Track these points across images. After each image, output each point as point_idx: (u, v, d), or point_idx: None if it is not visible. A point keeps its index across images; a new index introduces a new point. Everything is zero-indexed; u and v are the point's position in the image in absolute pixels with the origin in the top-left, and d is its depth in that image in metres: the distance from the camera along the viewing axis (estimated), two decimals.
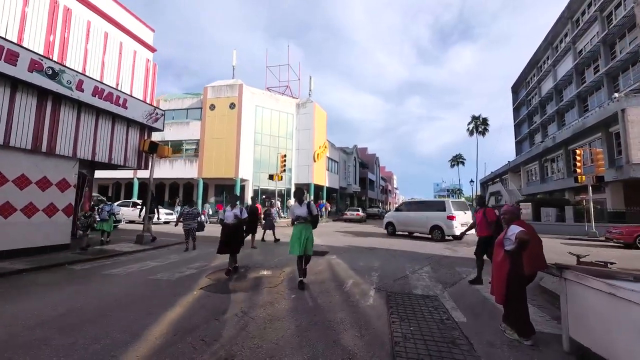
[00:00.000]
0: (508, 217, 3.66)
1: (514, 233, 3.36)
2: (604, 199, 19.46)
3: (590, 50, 26.87)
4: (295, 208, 5.24)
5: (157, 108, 10.33)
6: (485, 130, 45.24)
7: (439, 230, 12.38)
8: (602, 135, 20.22)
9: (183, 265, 6.69)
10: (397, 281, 5.78)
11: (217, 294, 4.72)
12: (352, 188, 39.73)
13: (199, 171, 24.14)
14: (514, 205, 3.83)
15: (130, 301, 4.30)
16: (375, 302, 4.48)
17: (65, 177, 7.83)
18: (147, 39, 10.45)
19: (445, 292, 5.15)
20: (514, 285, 3.33)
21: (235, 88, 24.24)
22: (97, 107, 8.33)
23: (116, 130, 9.12)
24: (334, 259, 7.96)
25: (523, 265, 3.31)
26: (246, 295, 4.70)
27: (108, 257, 7.58)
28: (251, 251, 8.88)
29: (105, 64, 9.01)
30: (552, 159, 28.93)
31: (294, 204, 5.35)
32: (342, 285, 5.42)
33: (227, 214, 6.11)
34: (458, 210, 12.43)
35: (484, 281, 5.69)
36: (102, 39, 8.91)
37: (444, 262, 7.91)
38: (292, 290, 4.94)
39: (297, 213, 5.16)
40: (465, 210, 13.06)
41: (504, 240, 3.52)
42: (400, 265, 7.29)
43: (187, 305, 4.13)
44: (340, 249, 9.74)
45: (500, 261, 3.47)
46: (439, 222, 12.40)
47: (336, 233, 15.76)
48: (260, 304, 4.26)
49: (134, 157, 9.73)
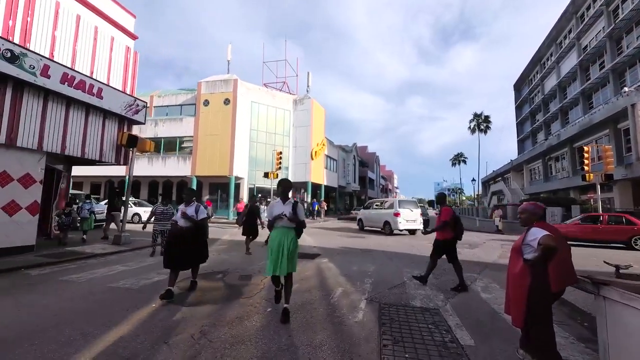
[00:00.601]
0: (525, 217, 2.95)
1: (536, 238, 2.65)
2: (612, 197, 18.73)
3: (595, 46, 26.13)
4: (276, 206, 3.82)
5: (137, 99, 9.62)
6: (487, 128, 44.48)
7: (388, 225, 14.13)
8: (610, 131, 19.47)
9: (153, 271, 5.99)
10: (393, 290, 5.08)
11: (179, 306, 4.02)
12: (351, 187, 38.99)
13: (192, 169, 23.42)
14: (535, 202, 3.10)
15: (72, 316, 3.60)
16: (365, 318, 3.77)
17: (29, 172, 7.12)
18: (127, 25, 9.71)
19: (448, 303, 4.45)
20: (537, 305, 2.61)
21: (230, 83, 23.50)
22: (68, 96, 7.62)
23: (90, 122, 8.41)
24: (324, 263, 7.27)
25: (549, 279, 2.60)
26: (214, 308, 4.00)
27: (76, 259, 6.89)
28: (238, 254, 8.19)
29: (78, 51, 8.29)
30: (557, 157, 28.18)
31: (275, 201, 4.00)
32: (329, 295, 4.72)
33: (178, 214, 4.63)
34: (404, 208, 14.04)
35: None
36: (73, 23, 8.18)
37: (445, 266, 7.18)
38: (269, 302, 4.23)
39: (277, 212, 3.72)
40: (413, 208, 14.51)
41: (522, 246, 2.81)
42: (397, 270, 6.59)
43: (136, 323, 3.43)
44: (333, 251, 9.04)
45: (519, 273, 2.75)
46: (388, 218, 14.20)
47: (332, 232, 15.06)
48: (226, 321, 3.56)
49: (111, 152, 9.02)
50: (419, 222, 14.11)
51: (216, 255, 8.00)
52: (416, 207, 14.84)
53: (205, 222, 4.73)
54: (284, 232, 3.73)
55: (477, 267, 7.16)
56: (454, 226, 5.34)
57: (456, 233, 5.39)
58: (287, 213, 3.69)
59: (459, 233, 5.42)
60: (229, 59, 26.04)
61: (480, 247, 10.82)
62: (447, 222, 5.30)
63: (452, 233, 5.35)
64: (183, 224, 4.53)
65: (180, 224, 4.55)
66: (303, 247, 9.26)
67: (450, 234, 5.36)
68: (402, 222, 13.66)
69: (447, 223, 5.30)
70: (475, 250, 10.01)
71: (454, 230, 5.35)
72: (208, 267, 6.38)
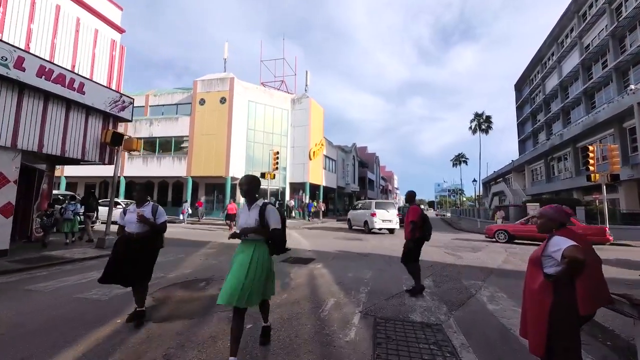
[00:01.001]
0: (543, 222, 2.47)
1: (560, 249, 2.17)
2: (617, 198, 18.27)
3: (598, 45, 25.72)
4: (241, 214, 2.93)
5: (124, 95, 9.16)
6: (489, 128, 43.99)
7: (367, 225, 15.54)
8: (614, 131, 19.01)
9: None
10: (391, 300, 4.61)
11: (148, 322, 3.55)
12: (350, 187, 38.53)
13: (188, 169, 22.97)
14: (558, 206, 2.61)
15: (17, 335, 3.13)
16: (357, 336, 3.31)
17: (2, 172, 6.65)
18: (112, 18, 9.26)
19: (451, 317, 3.98)
20: (561, 330, 2.14)
21: (226, 82, 23.06)
22: (45, 91, 7.16)
23: (72, 118, 7.94)
24: (318, 269, 6.80)
25: (576, 299, 2.14)
26: (186, 325, 3.53)
27: (50, 265, 6.42)
28: (227, 259, 7.71)
29: (57, 43, 7.83)
30: (559, 157, 27.71)
31: (242, 206, 3.09)
32: (320, 307, 4.25)
33: (128, 217, 3.63)
34: (380, 209, 15.40)
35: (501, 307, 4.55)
36: (52, 13, 7.73)
37: (447, 273, 6.74)
38: (251, 317, 3.76)
39: (242, 222, 2.84)
40: (389, 209, 15.72)
41: (542, 258, 2.34)
42: (396, 277, 6.12)
43: (90, 344, 2.95)
44: (328, 255, 8.57)
45: (538, 291, 2.28)
46: (367, 218, 15.59)
47: (329, 234, 14.59)
48: (198, 341, 3.09)
49: (94, 150, 8.56)
50: (395, 222, 15.44)
51: (203, 259, 7.54)
52: (393, 208, 16.07)
53: (165, 227, 3.80)
54: (252, 247, 2.75)
55: (481, 274, 6.70)
56: (421, 226, 5.05)
57: (424, 233, 5.09)
58: (253, 222, 2.74)
59: (426, 233, 5.13)
60: (226, 57, 25.66)
61: (483, 251, 10.35)
62: (416, 222, 4.98)
63: (420, 233, 5.05)
64: (136, 229, 3.56)
65: (131, 229, 3.57)
66: (297, 251, 8.80)
67: (416, 234, 5.04)
68: (377, 221, 14.99)
69: (415, 224, 4.97)
70: (478, 254, 9.54)
71: (421, 229, 5.05)
72: (191, 274, 5.92)
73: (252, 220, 2.77)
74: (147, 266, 3.63)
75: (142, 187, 4.13)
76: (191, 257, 7.73)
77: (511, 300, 4.74)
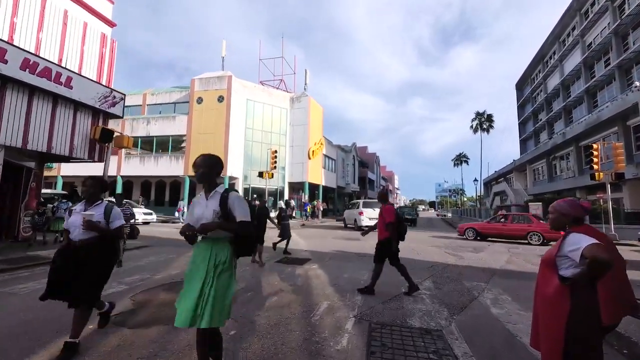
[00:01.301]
0: (555, 217, 2.17)
1: (579, 247, 1.88)
2: (621, 198, 17.94)
3: (600, 43, 25.43)
4: (196, 204, 2.31)
5: (114, 91, 8.89)
6: (490, 127, 43.66)
7: (356, 222, 16.98)
8: (618, 129, 18.70)
9: (115, 279, 5.23)
10: (388, 304, 4.32)
11: (121, 328, 3.27)
12: (350, 187, 38.24)
13: (185, 168, 22.70)
14: (571, 199, 2.32)
15: None
16: (350, 344, 3.02)
17: None
18: (102, 11, 8.99)
19: (453, 322, 3.69)
20: (579, 342, 1.85)
21: (224, 80, 22.80)
22: (30, 85, 6.90)
23: (58, 114, 7.67)
24: (313, 270, 6.51)
25: (598, 307, 1.85)
26: (164, 330, 3.25)
27: (34, 265, 6.15)
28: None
29: (43, 36, 7.55)
30: (562, 156, 27.39)
31: (198, 197, 2.39)
32: (311, 310, 3.97)
33: (72, 219, 2.83)
34: (368, 208, 16.64)
35: None
36: (37, 5, 7.45)
37: (448, 274, 6.45)
38: (236, 322, 3.48)
39: (197, 213, 2.23)
40: (375, 207, 15.76)
41: (556, 259, 2.04)
42: (394, 279, 5.79)
43: (55, 354, 2.67)
44: (325, 256, 8.28)
45: (553, 296, 1.98)
46: (356, 216, 17.12)
47: (327, 234, 14.32)
48: (173, 349, 2.81)
49: (83, 147, 8.29)
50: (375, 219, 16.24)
51: None
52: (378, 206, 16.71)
53: (122, 233, 3.00)
54: (212, 248, 2.16)
55: (484, 275, 6.41)
56: (397, 225, 4.79)
57: (398, 232, 4.83)
58: (211, 214, 2.14)
59: (401, 233, 4.87)
60: (224, 55, 25.40)
61: (486, 251, 10.05)
62: (393, 223, 4.71)
63: (392, 232, 4.76)
64: (79, 235, 2.76)
65: (74, 235, 2.78)
66: (293, 251, 8.52)
67: (390, 234, 4.76)
68: (365, 219, 16.10)
69: (392, 224, 4.70)
70: (480, 255, 9.24)
71: (396, 229, 4.79)
72: (177, 275, 5.63)
73: (210, 212, 2.15)
74: (93, 284, 2.76)
75: (95, 180, 2.97)
76: (182, 258, 7.45)
77: (516, 304, 4.46)
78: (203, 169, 2.25)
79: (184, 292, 2.14)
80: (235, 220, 2.16)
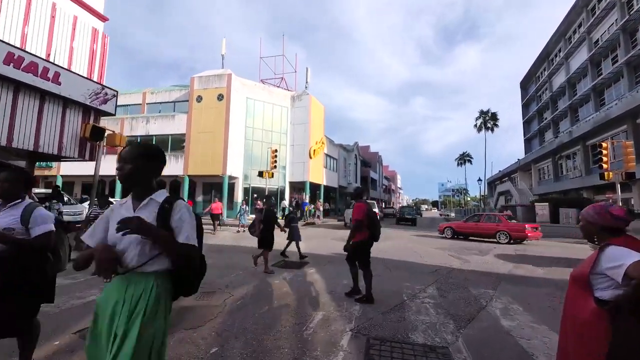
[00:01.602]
0: (583, 225, 1.83)
1: (622, 264, 1.52)
2: (630, 198, 17.45)
3: (607, 40, 24.87)
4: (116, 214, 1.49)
5: (106, 87, 8.59)
6: (495, 126, 43.07)
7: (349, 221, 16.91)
8: (627, 127, 18.21)
9: (96, 287, 4.91)
10: (388, 315, 3.96)
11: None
12: (352, 187, 37.87)
13: (184, 168, 22.43)
14: (601, 205, 1.95)
15: None
16: None
17: None
18: (94, 4, 8.67)
19: (460, 337, 3.33)
20: None
21: (224, 78, 22.48)
22: (15, 80, 6.60)
23: (46, 111, 7.39)
24: (310, 274, 6.17)
25: None
26: None
27: None
28: (212, 262, 7.09)
29: (30, 31, 7.24)
30: (568, 155, 26.87)
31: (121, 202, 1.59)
32: (304, 323, 3.62)
33: None
34: None
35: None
36: None
37: (453, 279, 6.08)
38: (219, 337, 3.15)
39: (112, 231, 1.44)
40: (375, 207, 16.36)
41: (590, 277, 1.68)
42: (395, 285, 5.48)
43: None
44: (323, 259, 7.94)
45: (589, 322, 1.62)
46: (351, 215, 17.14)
47: (327, 235, 13.96)
48: None
49: (73, 146, 7.99)
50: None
51: None
52: (374, 207, 16.66)
53: (48, 243, 2.14)
54: (128, 287, 1.39)
55: (490, 281, 6.03)
56: (369, 225, 4.48)
57: (372, 233, 4.54)
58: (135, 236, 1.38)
59: (375, 233, 4.58)
60: (223, 54, 25.10)
61: (491, 254, 9.66)
62: (362, 221, 4.42)
63: (368, 232, 4.51)
64: None
65: None
66: (290, 254, 8.17)
67: (365, 234, 4.50)
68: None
69: (361, 222, 4.42)
70: (486, 258, 8.86)
71: (369, 229, 4.50)
72: None
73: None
74: (19, 308, 2.05)
75: (13, 173, 2.17)
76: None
77: (528, 315, 4.09)
78: (131, 165, 1.47)
79: (87, 346, 1.43)
80: (176, 242, 1.42)
